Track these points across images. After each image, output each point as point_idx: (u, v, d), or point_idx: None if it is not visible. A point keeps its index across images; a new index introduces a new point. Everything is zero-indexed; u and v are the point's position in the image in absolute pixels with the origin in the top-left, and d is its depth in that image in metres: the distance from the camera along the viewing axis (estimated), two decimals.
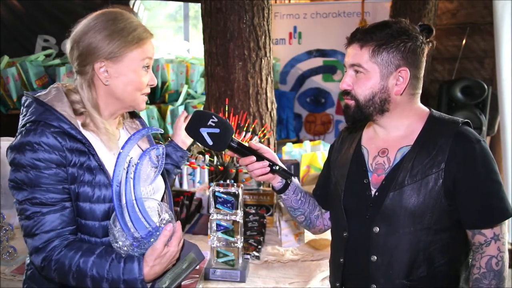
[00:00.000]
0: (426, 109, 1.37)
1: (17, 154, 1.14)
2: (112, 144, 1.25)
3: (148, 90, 1.30)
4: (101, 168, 1.20)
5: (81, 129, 1.21)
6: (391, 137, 1.36)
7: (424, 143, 1.30)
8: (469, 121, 1.33)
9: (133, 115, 1.44)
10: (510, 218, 1.27)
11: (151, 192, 1.34)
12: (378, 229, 1.31)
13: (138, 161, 1.18)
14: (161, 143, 1.42)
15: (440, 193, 1.26)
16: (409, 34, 1.28)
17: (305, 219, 1.54)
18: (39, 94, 1.23)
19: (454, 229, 1.29)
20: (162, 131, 1.36)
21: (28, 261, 1.29)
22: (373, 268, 1.32)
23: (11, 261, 1.97)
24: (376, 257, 1.31)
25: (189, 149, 1.65)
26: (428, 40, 1.32)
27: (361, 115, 1.33)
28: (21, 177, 1.15)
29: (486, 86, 4.05)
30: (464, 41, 4.65)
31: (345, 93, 1.34)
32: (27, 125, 1.17)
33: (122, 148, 1.16)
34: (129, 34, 1.21)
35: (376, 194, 1.34)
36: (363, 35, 1.29)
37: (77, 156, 1.18)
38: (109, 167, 1.21)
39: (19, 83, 4.28)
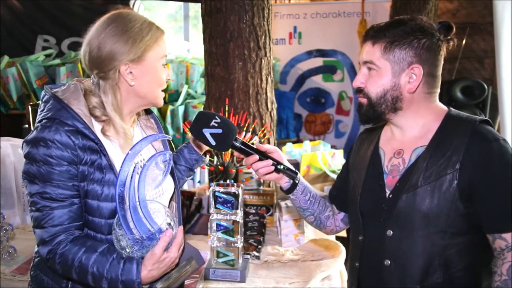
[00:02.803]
0: (445, 107, 1.33)
1: (31, 149, 1.18)
2: (127, 147, 1.27)
3: (165, 85, 1.35)
4: (111, 167, 1.23)
5: (94, 128, 1.23)
6: (407, 137, 1.33)
7: (439, 143, 1.25)
8: (488, 119, 1.28)
9: (148, 112, 1.46)
10: None
11: (158, 194, 1.35)
12: (391, 232, 1.27)
13: (145, 164, 1.19)
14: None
15: (455, 195, 1.20)
16: (424, 31, 1.25)
17: (315, 220, 1.53)
18: (57, 89, 1.25)
19: (472, 233, 1.23)
20: (170, 138, 1.38)
21: (36, 249, 1.32)
22: (387, 273, 1.28)
23: (11, 261, 1.97)
24: (389, 261, 1.28)
25: (205, 154, 1.65)
26: (447, 38, 1.29)
27: (373, 114, 1.31)
28: (33, 171, 1.18)
29: (486, 86, 4.05)
30: (464, 41, 4.65)
31: (358, 90, 1.33)
32: (43, 121, 1.20)
33: (130, 150, 1.18)
34: (147, 33, 1.25)
35: (390, 196, 1.30)
36: (376, 32, 1.28)
37: (88, 154, 1.21)
38: (119, 167, 1.23)
39: (19, 83, 4.28)
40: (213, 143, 1.35)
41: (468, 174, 1.20)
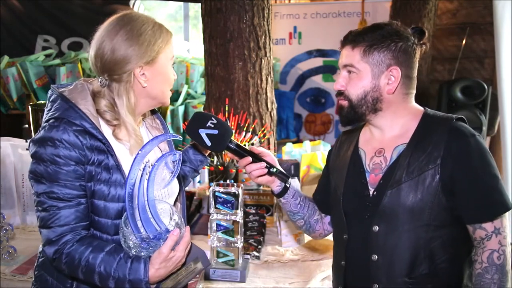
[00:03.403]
0: (421, 108, 1.39)
1: (39, 148, 1.18)
2: (137, 149, 1.27)
3: (172, 85, 1.37)
4: (118, 167, 1.23)
5: (102, 128, 1.23)
6: (387, 137, 1.38)
7: (419, 140, 1.31)
8: (463, 116, 1.34)
9: (153, 112, 1.47)
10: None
11: (165, 195, 1.35)
12: (377, 228, 1.31)
13: (155, 164, 1.19)
14: (181, 147, 1.44)
15: (437, 189, 1.26)
16: (400, 34, 1.31)
17: (305, 224, 1.55)
18: (63, 89, 1.26)
19: (454, 225, 1.29)
20: (181, 138, 1.38)
21: (40, 249, 1.32)
22: (374, 268, 1.32)
23: (11, 261, 1.97)
24: (376, 257, 1.31)
25: (210, 155, 1.65)
26: (421, 42, 1.35)
27: (354, 115, 1.35)
28: (40, 171, 1.18)
29: (486, 86, 4.04)
30: (464, 41, 4.65)
31: (339, 93, 1.37)
32: (51, 121, 1.20)
33: (140, 150, 1.18)
34: (160, 36, 1.26)
35: (374, 193, 1.34)
36: (355, 37, 1.33)
37: (96, 154, 1.21)
38: (126, 167, 1.23)
39: (19, 83, 4.28)
40: (208, 143, 1.36)
41: (449, 168, 1.26)
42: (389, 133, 1.37)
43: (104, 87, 1.26)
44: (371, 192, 1.35)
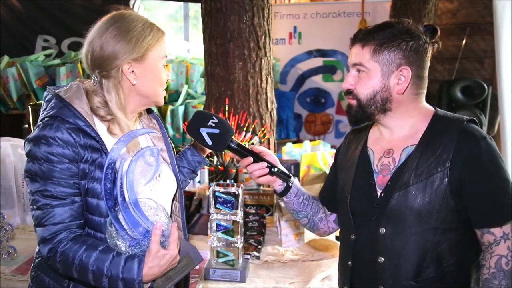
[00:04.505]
0: (431, 108, 1.36)
1: (33, 147, 1.18)
2: (132, 145, 1.27)
3: (166, 85, 1.37)
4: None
5: (98, 127, 1.24)
6: (396, 137, 1.36)
7: (429, 142, 1.29)
8: (474, 118, 1.32)
9: (149, 111, 1.47)
10: None
11: (159, 192, 1.34)
12: (384, 230, 1.29)
13: (132, 159, 1.18)
14: (181, 147, 1.43)
15: (446, 192, 1.24)
16: (412, 33, 1.28)
17: (309, 222, 1.54)
18: (59, 89, 1.27)
19: (462, 228, 1.27)
20: (156, 133, 1.38)
21: (37, 250, 1.32)
22: (381, 270, 1.30)
23: (11, 261, 1.97)
24: (383, 259, 1.30)
25: (208, 156, 1.64)
26: (432, 41, 1.32)
27: (363, 115, 1.33)
28: (34, 169, 1.18)
29: (486, 86, 4.05)
30: (464, 41, 4.65)
31: (348, 92, 1.35)
32: (45, 119, 1.21)
33: (116, 144, 1.17)
34: (149, 33, 1.27)
35: (382, 195, 1.32)
36: (365, 35, 1.30)
37: (89, 152, 1.21)
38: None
39: (19, 83, 4.28)
40: (209, 143, 1.36)
41: (458, 171, 1.23)
42: (398, 133, 1.35)
43: (96, 84, 1.28)
44: (378, 194, 1.33)
